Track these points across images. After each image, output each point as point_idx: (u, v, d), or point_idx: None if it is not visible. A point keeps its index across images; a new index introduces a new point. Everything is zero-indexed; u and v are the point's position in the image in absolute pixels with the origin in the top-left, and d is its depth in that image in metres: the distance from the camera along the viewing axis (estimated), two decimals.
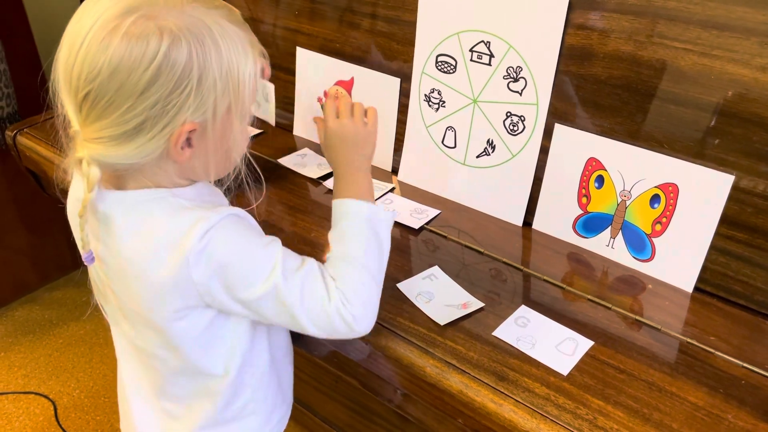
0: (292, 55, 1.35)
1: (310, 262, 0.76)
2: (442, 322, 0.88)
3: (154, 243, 0.70)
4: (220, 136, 0.70)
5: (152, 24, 0.62)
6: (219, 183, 0.80)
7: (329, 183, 1.21)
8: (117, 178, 0.71)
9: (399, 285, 0.94)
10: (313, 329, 0.75)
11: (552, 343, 0.85)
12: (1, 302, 2.11)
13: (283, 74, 1.40)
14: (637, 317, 0.90)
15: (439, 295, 0.93)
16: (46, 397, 1.82)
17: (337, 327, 0.75)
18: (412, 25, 1.14)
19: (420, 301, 0.92)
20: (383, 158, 1.27)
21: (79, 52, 0.62)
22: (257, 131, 1.41)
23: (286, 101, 1.41)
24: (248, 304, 0.73)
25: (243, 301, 0.73)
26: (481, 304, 0.91)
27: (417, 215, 1.12)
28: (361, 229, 0.80)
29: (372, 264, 0.78)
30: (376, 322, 0.88)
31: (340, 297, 0.74)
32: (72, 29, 0.64)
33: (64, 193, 0.81)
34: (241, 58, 0.68)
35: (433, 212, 1.13)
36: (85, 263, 0.73)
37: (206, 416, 0.84)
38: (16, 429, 1.73)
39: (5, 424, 1.74)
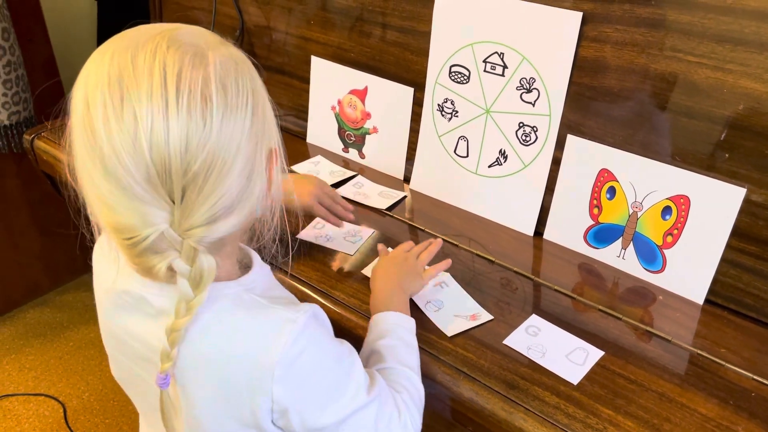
0: (307, 64, 1.37)
1: (377, 377, 0.71)
2: (449, 333, 0.88)
3: (229, 350, 0.61)
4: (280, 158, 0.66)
5: (226, 60, 0.57)
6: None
7: (342, 190, 1.22)
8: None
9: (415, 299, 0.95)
10: None
11: (562, 353, 0.86)
12: (13, 304, 2.13)
13: (297, 82, 1.41)
14: (648, 328, 0.91)
15: (448, 305, 0.94)
16: (55, 399, 1.83)
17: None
18: (427, 35, 1.15)
19: (429, 309, 0.93)
20: (396, 166, 1.28)
21: (169, 127, 0.52)
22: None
23: (300, 109, 1.43)
24: (319, 429, 0.65)
25: (319, 428, 0.65)
26: (490, 317, 0.92)
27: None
28: (413, 343, 0.82)
29: (419, 375, 0.79)
30: None
31: (407, 412, 0.72)
32: (126, 109, 0.52)
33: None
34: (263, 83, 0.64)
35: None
36: (160, 388, 0.61)
37: None
38: (25, 430, 1.74)
39: (15, 426, 1.75)
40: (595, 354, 0.86)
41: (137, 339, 0.64)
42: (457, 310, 0.93)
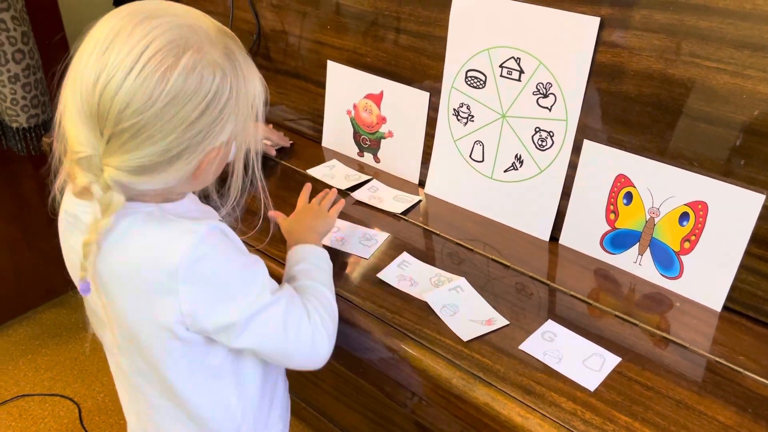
0: (322, 68, 1.37)
1: (286, 285, 0.82)
2: (465, 338, 0.88)
3: (140, 259, 0.70)
4: (227, 152, 0.74)
5: (206, 59, 0.65)
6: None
7: (357, 194, 1.23)
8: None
9: (425, 295, 0.95)
10: (294, 345, 0.78)
11: (579, 359, 0.85)
12: (30, 305, 2.15)
13: (313, 87, 1.42)
14: (665, 335, 0.90)
15: (464, 309, 0.94)
16: (71, 399, 1.85)
17: (319, 340, 0.80)
18: (443, 40, 1.16)
19: (445, 313, 0.92)
20: (411, 171, 1.28)
21: (124, 83, 0.62)
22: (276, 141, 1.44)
23: (315, 114, 1.43)
24: (233, 327, 0.73)
25: (227, 324, 0.73)
26: (506, 322, 0.91)
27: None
28: (324, 267, 0.91)
29: (333, 293, 0.88)
30: (402, 330, 0.90)
31: (317, 314, 0.81)
32: (102, 58, 0.63)
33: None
34: (259, 86, 0.73)
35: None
36: (81, 293, 0.73)
37: None
38: (41, 430, 1.76)
39: (30, 426, 1.77)
40: (612, 360, 0.85)
41: (76, 254, 0.72)
42: (472, 315, 0.93)
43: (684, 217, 0.95)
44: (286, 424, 0.99)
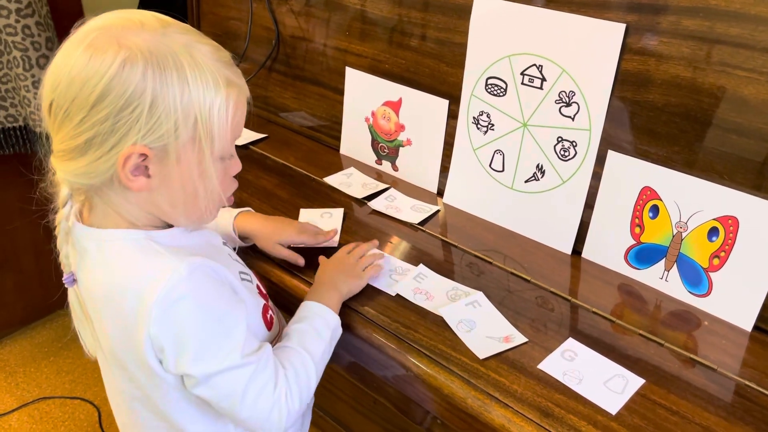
0: (341, 75, 1.36)
1: (267, 346, 0.76)
2: (481, 356, 0.85)
3: (121, 285, 0.69)
4: (185, 171, 0.68)
5: (114, 40, 0.63)
6: None
7: (374, 203, 1.20)
8: (93, 213, 0.72)
9: (440, 310, 0.92)
10: (245, 413, 0.73)
11: (600, 380, 0.82)
12: (52, 308, 2.17)
13: (331, 93, 1.40)
14: (692, 356, 0.86)
15: (481, 325, 0.91)
16: (91, 403, 1.86)
17: (272, 417, 0.74)
18: (463, 47, 1.13)
19: (461, 329, 0.90)
20: (429, 180, 1.26)
21: (49, 64, 0.65)
22: (260, 135, 1.42)
23: (333, 120, 1.42)
24: (190, 377, 0.70)
25: (187, 374, 0.70)
26: (524, 339, 0.88)
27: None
28: (325, 336, 0.84)
29: (321, 369, 0.82)
30: (416, 347, 0.87)
31: (286, 388, 0.75)
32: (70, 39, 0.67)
33: None
34: (209, 91, 0.66)
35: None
36: (65, 284, 0.73)
37: None
38: None
39: (51, 428, 1.78)
40: (635, 382, 0.82)
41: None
42: (489, 332, 0.90)
43: (713, 232, 0.91)
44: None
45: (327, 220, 1.14)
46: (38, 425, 1.79)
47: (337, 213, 1.16)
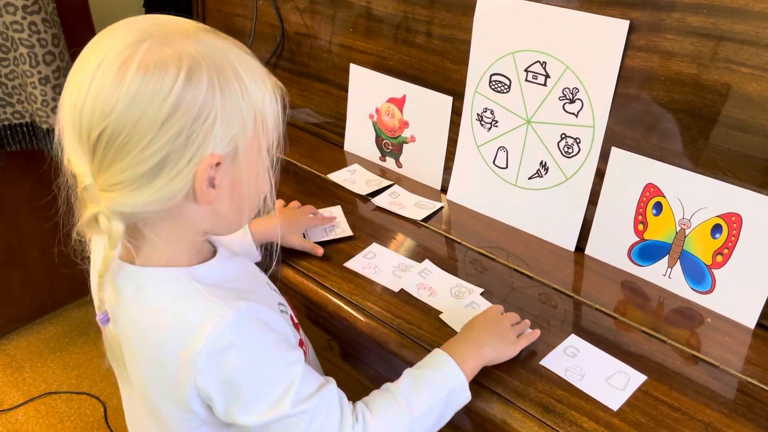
0: (346, 72, 1.36)
1: (329, 388, 0.68)
2: None
3: (163, 331, 0.65)
4: (250, 172, 0.66)
5: (168, 50, 0.59)
6: None
7: (378, 200, 1.21)
8: (132, 249, 0.65)
9: (442, 315, 0.92)
10: None
11: (602, 376, 0.82)
12: (58, 303, 2.18)
13: (335, 90, 1.40)
14: (695, 352, 0.86)
15: None
16: (97, 398, 1.87)
17: None
18: (467, 43, 1.13)
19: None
20: (433, 177, 1.26)
21: (89, 90, 0.58)
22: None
23: (338, 117, 1.42)
24: (242, 426, 0.66)
25: (238, 424, 0.66)
26: (536, 334, 0.88)
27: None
28: (439, 393, 0.73)
29: (419, 428, 0.72)
30: (418, 342, 0.87)
31: (361, 425, 0.68)
32: (76, 71, 0.60)
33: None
34: (261, 87, 0.64)
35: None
36: (99, 324, 0.67)
37: None
38: (67, 428, 1.78)
39: (57, 423, 1.79)
40: (637, 378, 0.82)
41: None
42: None
43: (716, 229, 0.91)
44: None
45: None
46: (44, 420, 1.80)
47: (336, 210, 1.17)
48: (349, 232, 1.10)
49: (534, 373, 0.83)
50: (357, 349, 1.01)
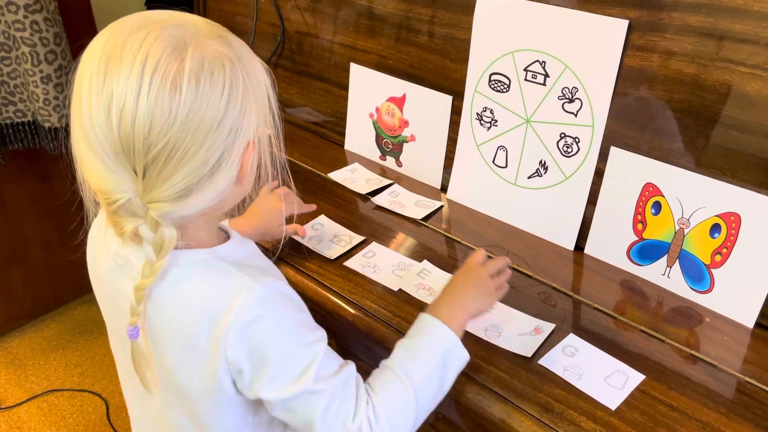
0: (345, 71, 1.36)
1: (349, 369, 0.70)
2: (529, 354, 0.85)
3: (194, 308, 0.66)
4: (265, 147, 0.70)
5: (207, 55, 0.60)
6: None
7: (378, 199, 1.21)
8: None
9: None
10: None
11: (601, 375, 0.82)
12: (61, 301, 2.19)
13: (336, 89, 1.41)
14: (693, 352, 0.86)
15: (506, 326, 0.90)
16: (99, 395, 1.87)
17: None
18: (466, 43, 1.13)
19: (492, 336, 0.89)
20: (433, 176, 1.26)
21: (138, 108, 0.57)
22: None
23: (338, 116, 1.42)
24: (265, 400, 0.68)
25: (260, 397, 0.67)
26: (552, 326, 0.89)
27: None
28: (434, 356, 0.74)
29: (424, 395, 0.72)
30: None
31: (368, 414, 0.68)
32: (105, 86, 0.58)
33: None
34: (261, 69, 0.68)
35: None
36: (129, 338, 0.67)
37: None
38: (69, 425, 1.79)
39: (59, 420, 1.80)
40: (636, 378, 0.82)
41: (126, 299, 0.68)
42: (518, 329, 0.90)
43: (715, 228, 0.91)
44: None
45: (318, 230, 1.12)
46: (47, 417, 1.81)
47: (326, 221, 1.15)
48: (359, 238, 1.09)
49: (533, 373, 0.83)
50: (356, 347, 1.02)
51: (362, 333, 0.93)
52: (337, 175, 1.29)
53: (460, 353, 0.76)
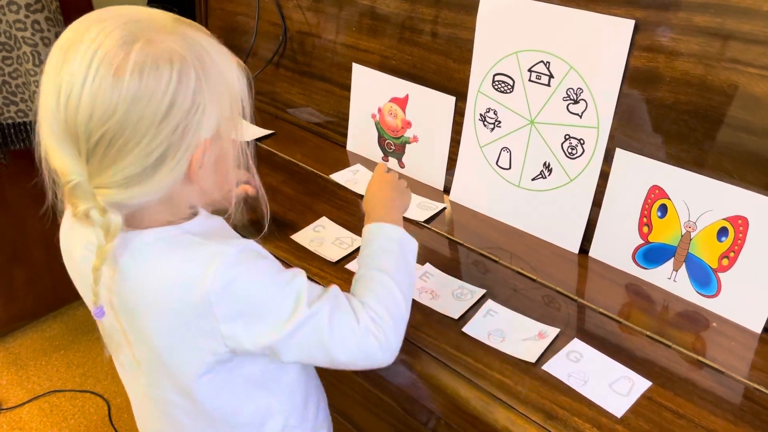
0: (347, 71, 1.35)
1: (333, 286, 0.75)
2: (533, 359, 0.84)
3: (171, 285, 0.67)
4: (229, 148, 0.71)
5: (158, 49, 0.61)
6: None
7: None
8: (132, 219, 0.68)
9: (464, 328, 0.90)
10: (344, 357, 0.72)
11: (606, 382, 0.81)
12: (64, 301, 2.19)
13: (338, 89, 1.39)
14: (700, 358, 0.85)
15: (510, 331, 0.89)
16: (101, 396, 1.87)
17: (370, 347, 0.72)
18: (470, 43, 1.12)
19: (494, 341, 0.87)
20: (435, 177, 1.25)
21: (83, 92, 0.59)
22: (267, 132, 1.42)
23: (340, 117, 1.41)
24: (275, 346, 0.70)
25: (268, 345, 0.70)
26: (557, 330, 0.88)
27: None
28: (391, 248, 0.82)
29: (402, 280, 0.78)
30: (420, 347, 0.86)
31: (369, 315, 0.73)
32: (59, 69, 0.60)
33: None
34: (231, 67, 0.69)
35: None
36: (96, 318, 0.70)
37: None
38: (71, 426, 1.79)
39: (61, 421, 1.80)
40: (642, 384, 0.81)
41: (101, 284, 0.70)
42: (522, 334, 0.88)
43: (722, 232, 0.90)
44: (330, 421, 0.97)
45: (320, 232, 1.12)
46: (48, 418, 1.81)
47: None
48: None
49: (536, 379, 0.82)
50: None
51: None
52: (339, 177, 1.28)
53: (409, 241, 0.84)
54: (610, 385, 0.81)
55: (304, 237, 1.08)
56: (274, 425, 0.83)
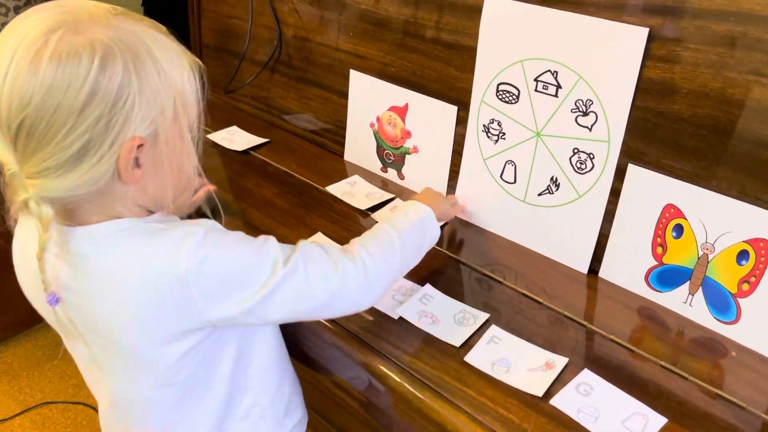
0: (346, 78, 1.29)
1: (301, 242, 0.76)
2: (540, 393, 0.79)
3: (140, 273, 0.66)
4: (172, 151, 0.68)
5: (81, 38, 0.59)
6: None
7: (379, 215, 1.14)
8: (75, 213, 0.67)
9: (467, 357, 0.84)
10: (323, 303, 0.74)
11: (618, 418, 0.76)
12: None
13: (335, 96, 1.34)
14: (718, 391, 0.79)
15: (515, 360, 0.84)
16: (93, 408, 1.83)
17: (350, 292, 0.75)
18: (473, 50, 1.06)
19: (499, 372, 0.82)
20: (436, 189, 1.18)
21: (4, 82, 0.58)
22: (261, 140, 1.37)
23: (338, 125, 1.35)
24: (257, 308, 0.70)
25: (253, 308, 0.70)
26: (565, 360, 0.83)
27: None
28: (414, 219, 0.87)
29: (408, 244, 0.83)
30: (419, 377, 0.81)
31: (348, 255, 0.76)
32: None
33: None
34: (179, 67, 0.66)
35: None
36: (49, 305, 0.68)
37: (209, 423, 0.81)
38: None
39: None
40: (657, 421, 0.75)
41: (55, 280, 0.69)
42: (527, 364, 0.83)
43: (743, 255, 0.84)
44: (304, 415, 0.96)
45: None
46: (40, 430, 1.76)
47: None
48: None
49: (544, 414, 0.76)
50: (350, 377, 0.95)
51: (360, 366, 0.86)
52: (336, 189, 1.23)
53: (433, 226, 0.90)
54: (623, 422, 0.75)
55: None
56: (244, 400, 0.83)
